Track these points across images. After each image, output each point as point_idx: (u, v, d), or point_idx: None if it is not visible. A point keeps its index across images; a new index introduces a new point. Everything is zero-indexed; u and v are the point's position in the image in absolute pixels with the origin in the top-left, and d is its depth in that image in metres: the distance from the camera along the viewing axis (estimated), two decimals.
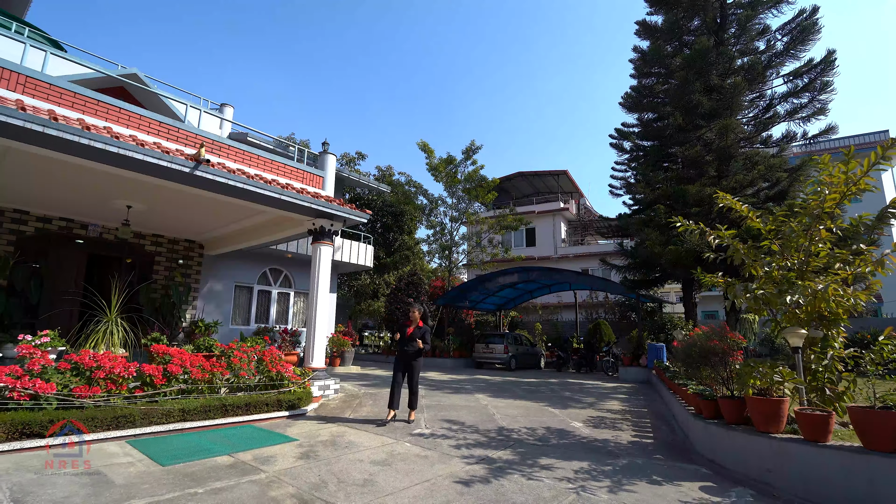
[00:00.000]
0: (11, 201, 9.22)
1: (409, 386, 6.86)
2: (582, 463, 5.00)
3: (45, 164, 6.77)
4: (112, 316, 6.38)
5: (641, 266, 15.30)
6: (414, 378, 6.81)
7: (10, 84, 5.73)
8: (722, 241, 5.89)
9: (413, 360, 6.77)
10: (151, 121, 6.86)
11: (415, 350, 6.73)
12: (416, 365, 6.80)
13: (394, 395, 6.68)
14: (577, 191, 35.18)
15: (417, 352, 6.75)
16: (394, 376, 6.78)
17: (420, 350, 6.74)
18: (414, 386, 6.84)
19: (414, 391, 6.85)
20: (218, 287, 12.98)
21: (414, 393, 6.85)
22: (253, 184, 7.36)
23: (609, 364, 15.75)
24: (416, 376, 6.83)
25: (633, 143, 17.22)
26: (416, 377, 6.83)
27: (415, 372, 6.81)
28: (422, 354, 6.84)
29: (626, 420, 7.55)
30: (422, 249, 27.63)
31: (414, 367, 6.79)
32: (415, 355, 6.76)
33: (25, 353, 5.20)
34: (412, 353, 6.74)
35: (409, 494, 3.91)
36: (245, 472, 4.32)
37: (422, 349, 6.74)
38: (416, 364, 6.82)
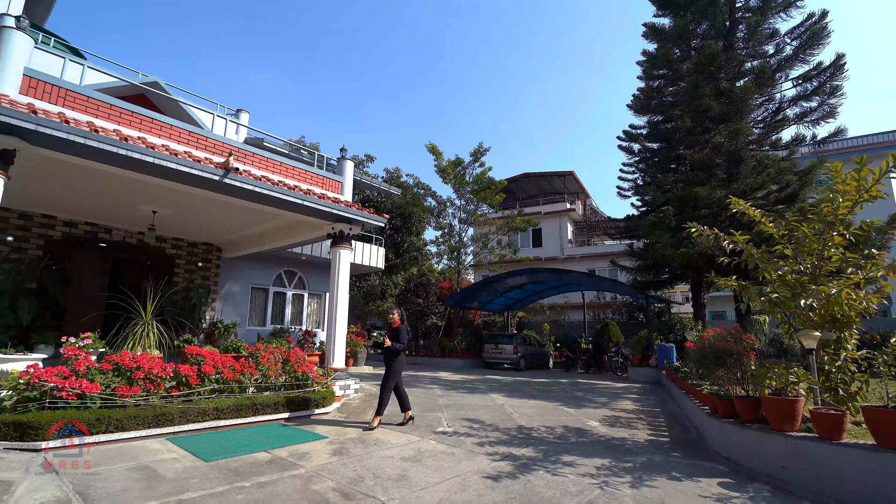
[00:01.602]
0: (39, 207, 9.50)
1: (381, 388, 6.63)
2: (602, 460, 5.21)
3: (73, 172, 7.01)
4: (147, 318, 6.64)
5: (651, 267, 15.46)
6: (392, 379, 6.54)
7: (52, 97, 5.99)
8: (736, 246, 6.08)
9: (389, 362, 6.58)
10: (182, 130, 7.11)
11: (390, 351, 6.56)
12: (393, 367, 6.54)
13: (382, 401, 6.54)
14: (584, 192, 35.32)
15: (393, 352, 6.55)
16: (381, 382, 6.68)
17: (394, 350, 6.53)
18: (399, 391, 6.63)
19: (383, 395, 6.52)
20: (235, 289, 13.25)
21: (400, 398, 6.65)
22: (277, 190, 7.60)
23: (618, 364, 15.92)
24: (389, 380, 6.53)
25: (641, 145, 17.37)
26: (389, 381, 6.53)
27: (390, 374, 6.54)
28: (398, 354, 6.57)
29: (641, 419, 7.74)
30: (430, 251, 27.86)
31: (390, 370, 6.55)
32: (392, 356, 6.56)
33: (71, 355, 5.46)
34: (390, 353, 6.58)
35: (442, 489, 4.13)
36: (284, 467, 4.55)
37: (395, 348, 6.53)
38: (394, 366, 6.54)
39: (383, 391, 6.53)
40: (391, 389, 6.57)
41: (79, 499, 3.54)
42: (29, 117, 5.23)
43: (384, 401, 6.52)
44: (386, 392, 6.52)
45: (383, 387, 6.55)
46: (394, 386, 6.60)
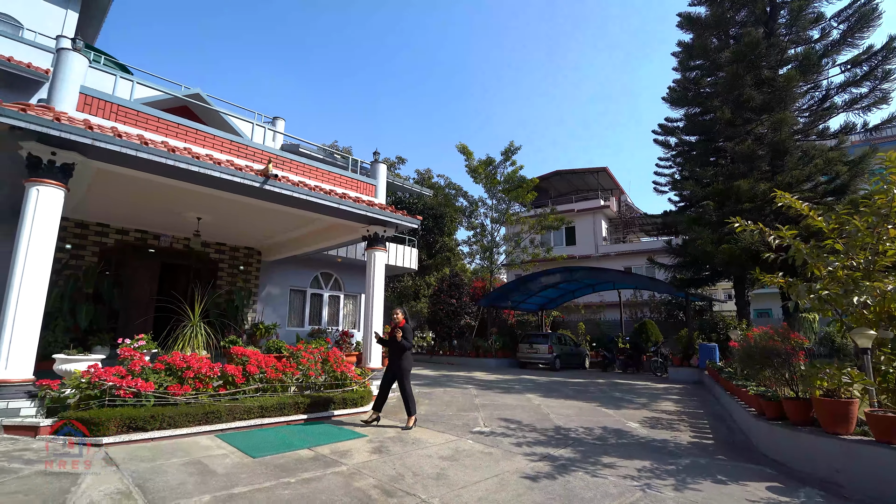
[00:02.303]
0: (95, 216, 10.10)
1: (400, 391, 6.59)
2: (643, 462, 5.11)
3: (125, 182, 7.43)
4: (195, 320, 6.98)
5: (691, 264, 15.00)
6: (403, 382, 6.52)
7: (106, 113, 6.37)
8: (782, 241, 5.84)
9: (399, 362, 6.52)
10: (224, 140, 7.42)
11: (396, 351, 6.54)
12: (403, 366, 6.51)
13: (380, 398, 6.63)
14: (618, 188, 34.57)
15: (400, 351, 6.52)
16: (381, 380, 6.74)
17: (403, 349, 6.51)
18: (405, 391, 6.54)
19: (406, 396, 6.53)
20: (275, 291, 13.68)
21: (406, 398, 6.54)
22: (314, 195, 7.82)
23: (658, 364, 15.52)
24: (405, 380, 6.51)
25: (678, 138, 16.86)
26: (405, 381, 6.51)
27: (403, 375, 6.50)
28: (405, 352, 6.54)
29: (683, 421, 7.54)
30: (462, 251, 27.91)
31: (402, 370, 6.50)
32: (398, 354, 6.53)
33: (127, 356, 5.79)
34: (396, 353, 6.56)
35: (481, 488, 4.16)
36: (327, 464, 4.69)
37: (404, 348, 6.51)
38: (403, 365, 6.51)
39: (404, 392, 6.53)
40: (409, 386, 6.59)
41: (138, 491, 3.76)
42: (86, 132, 5.58)
43: (410, 398, 6.52)
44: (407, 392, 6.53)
45: (402, 388, 6.53)
46: (401, 385, 6.56)
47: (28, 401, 5.21)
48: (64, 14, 12.68)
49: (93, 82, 9.94)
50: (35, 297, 5.37)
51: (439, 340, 21.20)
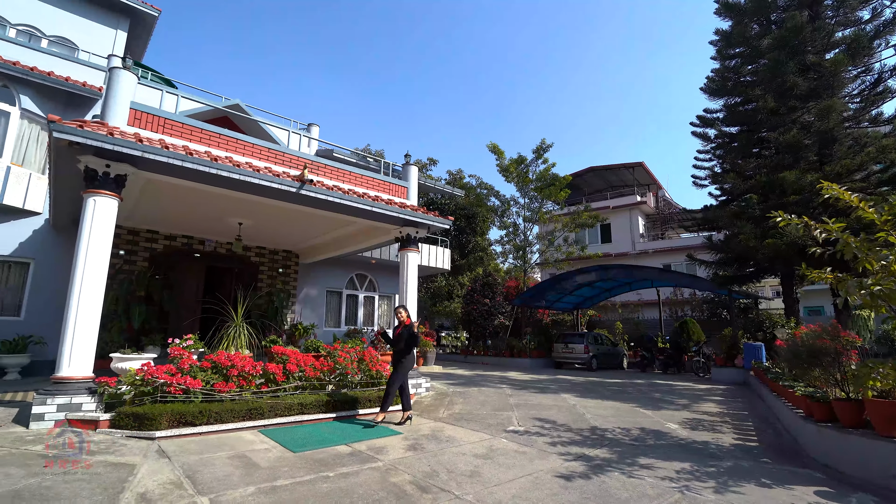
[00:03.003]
0: (146, 223, 10.70)
1: (388, 384, 6.65)
2: (683, 464, 5.00)
3: (174, 191, 7.85)
4: (238, 321, 7.30)
5: (733, 261, 14.42)
6: (395, 377, 6.56)
7: (153, 126, 6.75)
8: (829, 235, 5.56)
9: (401, 359, 6.59)
10: (262, 148, 7.72)
11: (400, 349, 6.60)
12: (404, 363, 6.57)
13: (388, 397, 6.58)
14: (655, 182, 33.60)
15: (403, 350, 6.59)
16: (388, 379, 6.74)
17: (406, 348, 6.57)
18: (391, 386, 6.56)
19: (388, 392, 6.53)
20: (312, 292, 14.08)
21: (388, 394, 6.53)
22: (348, 198, 8.02)
23: (700, 365, 15.01)
24: (398, 375, 6.56)
25: (717, 130, 16.24)
26: (397, 377, 6.56)
27: (401, 369, 6.57)
28: (409, 351, 6.61)
29: (726, 423, 7.29)
30: (495, 250, 27.82)
31: (401, 365, 6.57)
32: (401, 354, 6.59)
33: (176, 354, 6.12)
34: (398, 352, 6.61)
35: (515, 486, 4.18)
36: (364, 460, 4.82)
37: (408, 347, 6.58)
38: (404, 363, 6.58)
39: (390, 386, 6.53)
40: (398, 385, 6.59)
41: (189, 482, 3.99)
42: (136, 145, 5.95)
43: (391, 396, 6.52)
44: (392, 388, 6.52)
45: (391, 382, 6.54)
46: (400, 384, 6.59)
47: (89, 396, 5.59)
48: (114, 34, 13.49)
49: (141, 97, 10.54)
50: (94, 300, 5.76)
51: (473, 340, 21.22)
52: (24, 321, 9.98)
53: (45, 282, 10.28)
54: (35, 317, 10.07)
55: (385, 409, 6.48)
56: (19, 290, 10.17)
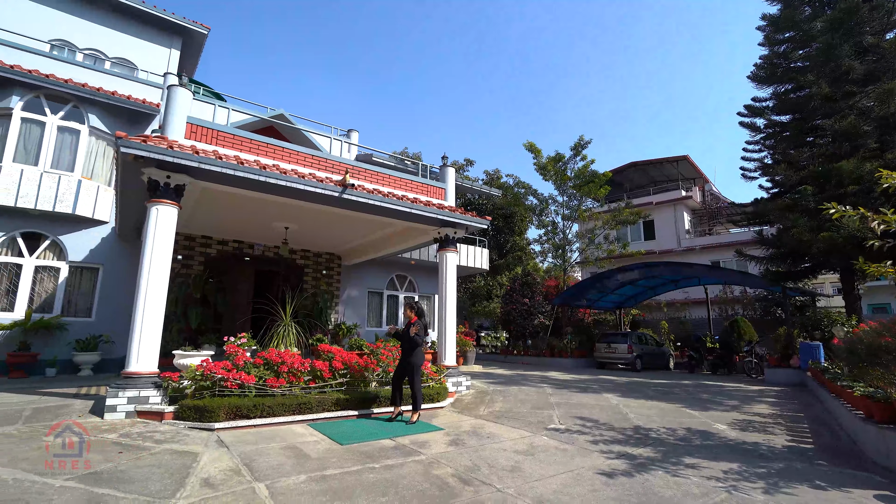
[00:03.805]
0: (200, 229, 11.36)
1: (410, 386, 6.64)
2: (731, 464, 4.88)
3: (226, 199, 8.32)
4: (287, 320, 7.68)
5: (787, 256, 13.71)
6: (413, 377, 6.58)
7: (207, 138, 7.21)
8: (889, 226, 5.27)
9: (409, 357, 6.59)
10: (306, 155, 8.08)
11: (408, 347, 6.61)
12: (413, 362, 6.59)
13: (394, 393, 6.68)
14: (701, 176, 32.31)
15: (410, 348, 6.59)
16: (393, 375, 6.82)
17: (415, 345, 6.58)
18: (414, 386, 6.56)
19: (415, 392, 6.55)
20: (354, 293, 14.50)
21: (414, 395, 6.56)
22: (387, 201, 8.26)
23: (752, 365, 14.37)
24: (415, 376, 6.58)
25: (766, 119, 15.51)
26: (415, 377, 6.58)
27: (413, 370, 6.57)
28: (417, 347, 6.62)
29: (779, 424, 7.01)
30: (533, 250, 27.59)
31: (412, 365, 6.58)
32: (410, 350, 6.60)
33: (232, 352, 6.53)
34: (407, 349, 6.62)
35: (556, 482, 4.23)
36: (407, 453, 4.99)
37: (416, 344, 6.58)
38: (414, 361, 6.59)
39: (413, 387, 6.55)
40: (419, 383, 6.62)
41: (246, 470, 4.27)
42: (193, 157, 6.38)
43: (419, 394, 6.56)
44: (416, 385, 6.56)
45: (412, 383, 6.55)
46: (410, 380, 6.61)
47: (154, 390, 6.05)
48: (168, 53, 14.39)
49: (195, 112, 11.22)
50: (158, 301, 6.23)
51: (513, 340, 21.14)
52: (94, 322, 10.84)
53: (112, 285, 11.12)
54: (104, 318, 10.91)
55: (418, 408, 6.53)
56: (90, 293, 11.06)
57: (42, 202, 10.12)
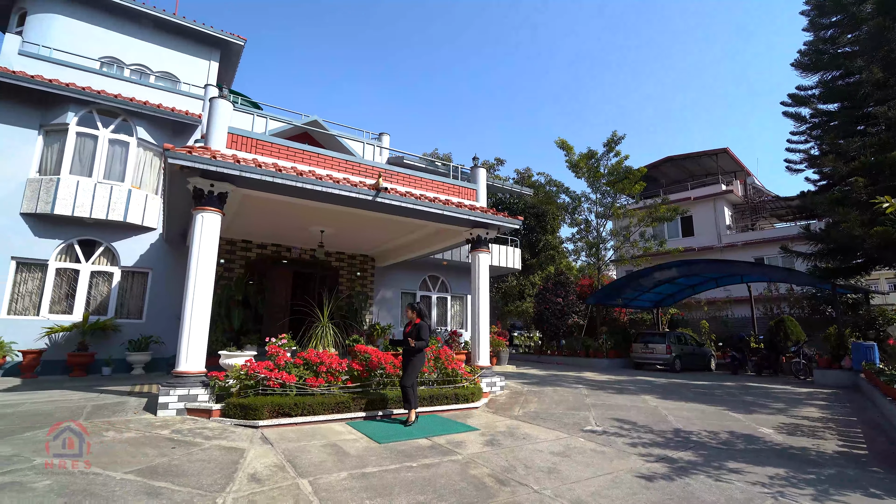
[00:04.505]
0: (241, 234, 11.80)
1: (403, 383, 6.50)
2: (777, 469, 4.72)
3: (265, 204, 8.62)
4: (325, 321, 7.90)
5: (837, 251, 13.07)
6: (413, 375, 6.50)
7: (247, 147, 7.50)
8: None
9: (410, 359, 6.53)
10: (340, 160, 8.28)
11: (409, 348, 6.53)
12: (413, 362, 6.51)
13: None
14: (743, 169, 31.04)
15: (413, 349, 6.50)
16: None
17: (415, 348, 6.48)
18: (407, 382, 6.44)
19: (412, 390, 6.45)
20: (388, 294, 14.72)
21: (411, 392, 6.44)
22: (420, 203, 8.37)
23: (800, 366, 13.75)
24: (412, 372, 6.48)
25: (812, 108, 14.81)
26: (412, 373, 6.49)
27: (411, 368, 6.49)
28: (419, 351, 6.54)
29: (829, 428, 6.71)
30: (566, 248, 27.23)
31: (412, 364, 6.50)
32: (411, 353, 6.53)
33: (273, 352, 6.77)
34: (409, 351, 6.55)
35: (594, 484, 4.21)
36: (444, 453, 5.06)
37: (417, 348, 6.48)
38: (414, 361, 6.52)
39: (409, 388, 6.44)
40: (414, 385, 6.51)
41: (290, 466, 4.44)
42: (234, 166, 6.65)
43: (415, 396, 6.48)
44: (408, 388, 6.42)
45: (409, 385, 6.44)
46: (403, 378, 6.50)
47: (202, 389, 6.34)
48: (207, 65, 15.00)
49: (233, 121, 11.67)
50: (204, 304, 6.53)
51: (546, 340, 20.94)
52: (145, 323, 11.45)
53: (160, 288, 11.71)
54: (154, 319, 11.50)
55: (414, 406, 6.45)
56: (141, 296, 11.68)
57: (96, 211, 10.76)
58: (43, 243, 10.63)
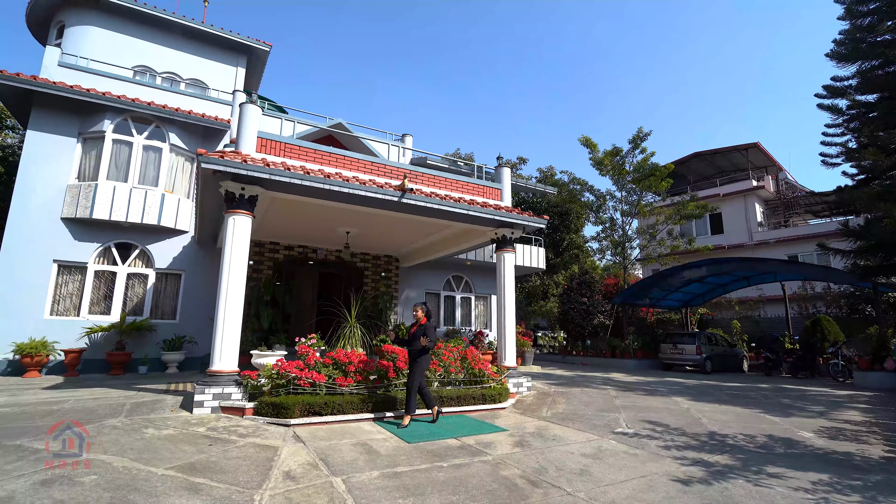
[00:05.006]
0: (269, 236, 12.04)
1: (408, 383, 6.47)
2: (820, 475, 4.56)
3: (292, 206, 8.76)
4: (352, 322, 7.99)
5: (877, 248, 12.53)
6: (413, 378, 6.41)
7: (276, 150, 7.63)
8: None
9: (416, 359, 6.44)
10: (365, 162, 8.36)
11: (416, 348, 6.42)
12: (420, 362, 6.41)
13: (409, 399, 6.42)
14: (774, 164, 30.06)
15: (419, 350, 6.41)
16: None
17: (422, 348, 6.39)
18: (411, 384, 6.40)
19: (411, 391, 6.38)
20: (412, 294, 14.79)
21: (410, 393, 6.38)
22: (444, 203, 8.38)
23: (838, 368, 13.25)
24: (418, 374, 6.40)
25: (850, 100, 14.23)
26: (415, 378, 6.39)
27: (417, 370, 6.40)
28: (425, 352, 6.46)
29: (874, 433, 6.44)
30: (591, 247, 26.86)
31: (417, 365, 6.41)
32: (417, 354, 6.43)
33: (303, 352, 6.88)
34: (415, 351, 6.45)
35: (628, 487, 4.14)
36: (473, 453, 5.05)
37: (424, 347, 6.38)
38: (420, 362, 6.42)
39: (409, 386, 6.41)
40: (417, 387, 6.44)
41: (323, 464, 4.51)
42: (264, 169, 6.79)
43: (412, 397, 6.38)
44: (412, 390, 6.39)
45: (409, 384, 6.41)
46: (409, 379, 6.45)
47: (236, 387, 6.49)
48: (235, 71, 15.33)
49: (262, 126, 11.92)
50: (237, 304, 6.68)
51: (571, 340, 20.70)
52: (178, 323, 11.78)
53: (193, 290, 12.03)
54: (187, 319, 11.83)
55: (411, 412, 6.33)
56: (174, 297, 12.03)
57: (132, 215, 11.13)
58: (82, 247, 11.05)
